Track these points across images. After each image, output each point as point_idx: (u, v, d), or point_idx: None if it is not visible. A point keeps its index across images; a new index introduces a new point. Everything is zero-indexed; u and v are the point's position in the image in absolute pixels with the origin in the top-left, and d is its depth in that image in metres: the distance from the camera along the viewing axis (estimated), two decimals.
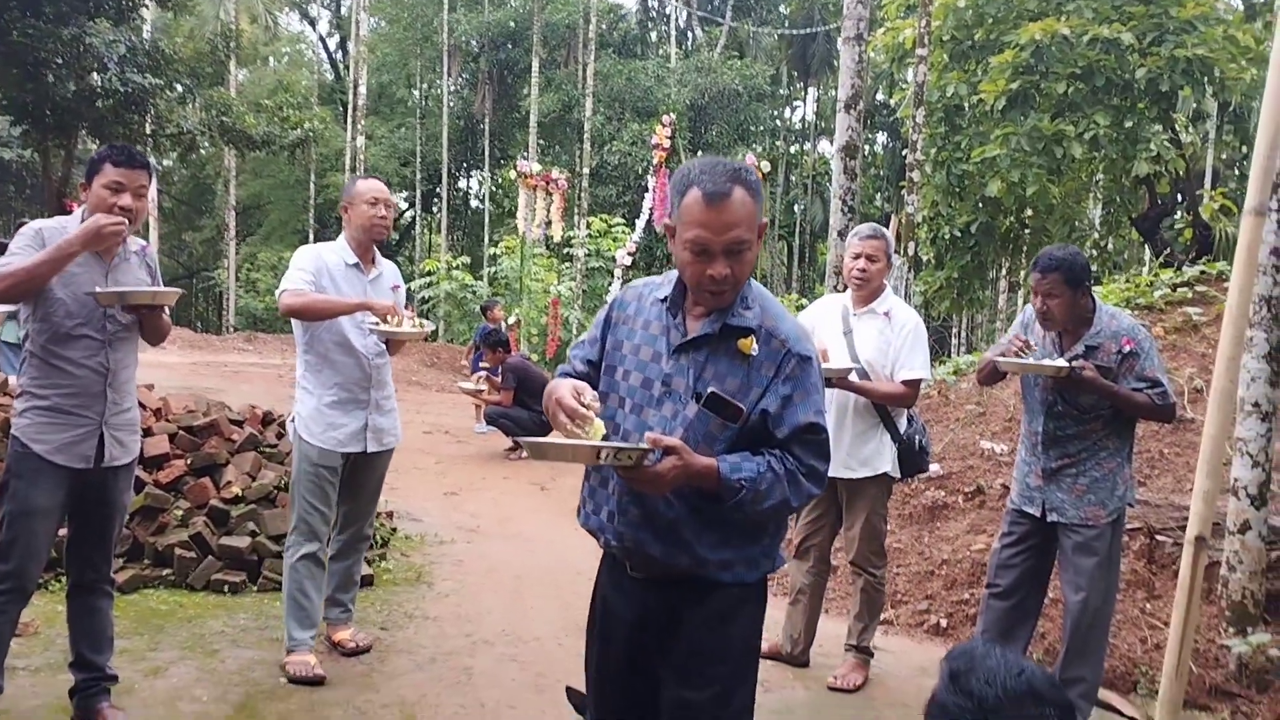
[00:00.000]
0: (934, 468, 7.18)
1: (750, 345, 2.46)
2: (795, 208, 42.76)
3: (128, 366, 3.87)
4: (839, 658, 5.07)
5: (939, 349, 20.60)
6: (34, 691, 4.15)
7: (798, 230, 42.04)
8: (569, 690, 3.66)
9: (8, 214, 24.93)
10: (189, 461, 5.98)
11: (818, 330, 4.97)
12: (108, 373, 3.75)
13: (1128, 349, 4.29)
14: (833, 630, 5.49)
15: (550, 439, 2.38)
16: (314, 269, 4.57)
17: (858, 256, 4.87)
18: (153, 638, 4.83)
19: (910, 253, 14.54)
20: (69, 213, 3.95)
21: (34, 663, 4.42)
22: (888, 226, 11.23)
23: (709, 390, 2.42)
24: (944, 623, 5.82)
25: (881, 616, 5.40)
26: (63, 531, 3.99)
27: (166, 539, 5.64)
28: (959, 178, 14.33)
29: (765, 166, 14.57)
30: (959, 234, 14.79)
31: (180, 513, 5.76)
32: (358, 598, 5.06)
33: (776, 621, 5.30)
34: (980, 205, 14.38)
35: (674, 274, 2.62)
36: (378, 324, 4.52)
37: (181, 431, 6.11)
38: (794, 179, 43.14)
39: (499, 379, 11.17)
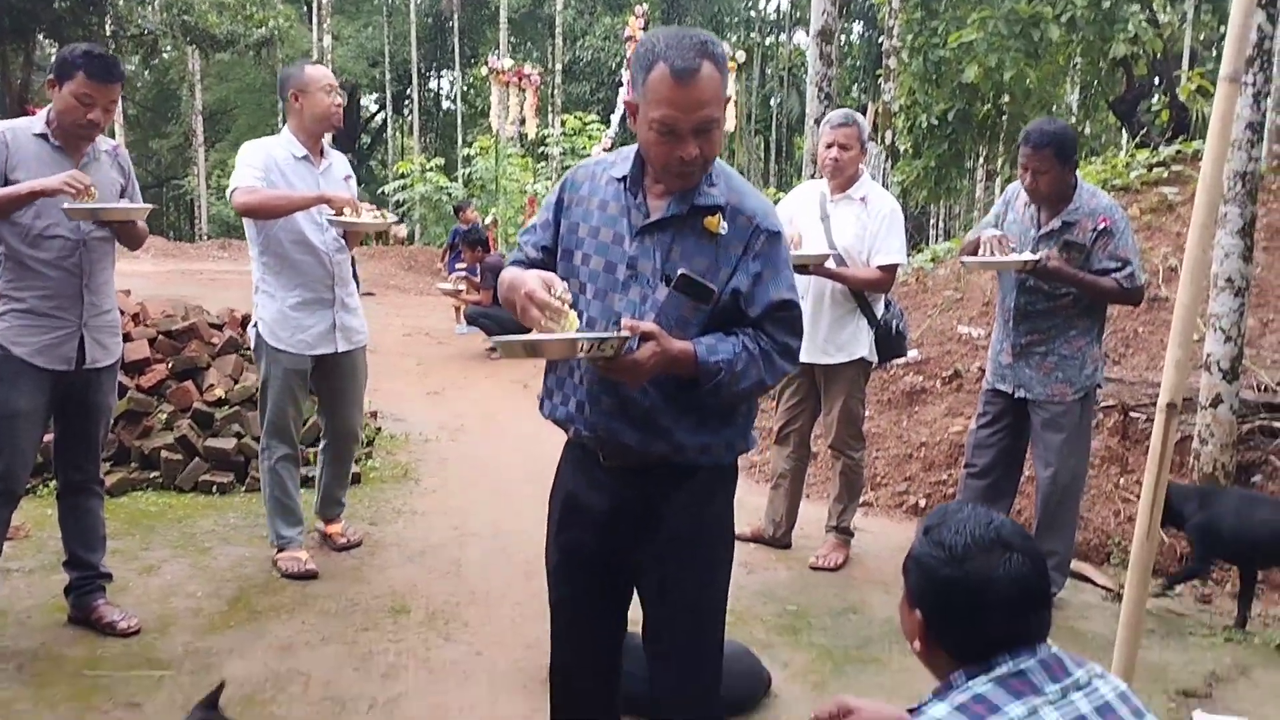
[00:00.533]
0: (912, 353, 7.25)
1: (717, 223, 2.36)
2: (771, 101, 42.21)
3: (105, 268, 3.84)
4: (820, 539, 5.19)
5: (917, 237, 20.61)
6: (29, 592, 4.21)
7: (774, 124, 41.57)
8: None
9: None
10: (170, 365, 5.97)
11: (796, 217, 4.97)
12: (83, 274, 3.73)
13: (1103, 226, 4.32)
14: (814, 514, 5.61)
15: (526, 336, 2.24)
16: (263, 164, 4.41)
17: (830, 145, 4.85)
18: (144, 538, 4.89)
19: (887, 142, 14.45)
20: (31, 115, 3.87)
21: (28, 564, 4.47)
22: (864, 115, 11.11)
23: (679, 272, 2.32)
24: (923, 503, 5.94)
25: (861, 498, 5.51)
26: (49, 436, 4.01)
27: (152, 442, 5.67)
28: (936, 64, 14.18)
29: (740, 57, 14.33)
30: (936, 122, 14.69)
31: (164, 416, 5.78)
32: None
33: (759, 506, 5.41)
34: (957, 92, 14.25)
35: (628, 150, 2.48)
36: (337, 216, 4.38)
37: (161, 336, 6.09)
38: (769, 71, 42.51)
39: (477, 278, 11.12)
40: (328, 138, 4.68)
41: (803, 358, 4.86)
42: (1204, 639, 4.43)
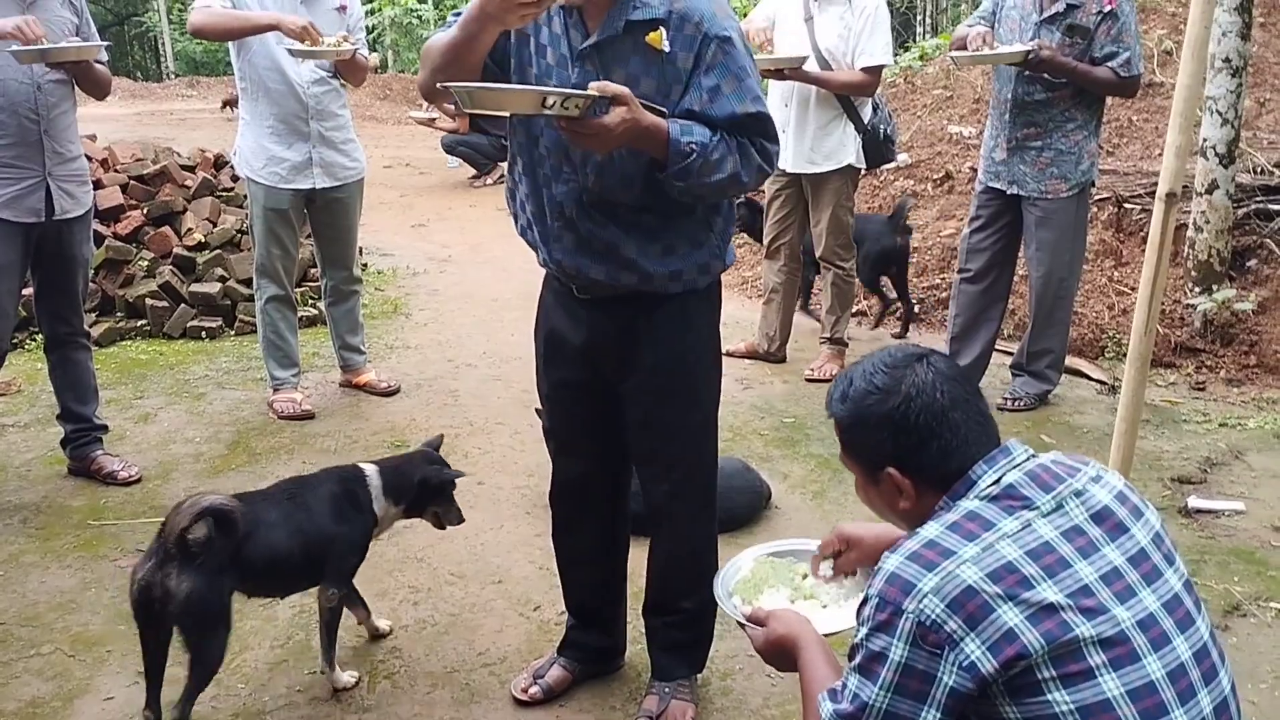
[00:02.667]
0: (901, 157, 7.09)
1: (660, 39, 2.12)
2: None
3: (64, 113, 3.69)
4: (815, 351, 5.18)
5: (904, 34, 19.96)
6: (26, 446, 4.21)
7: None
8: (538, 411, 3.75)
9: None
10: (145, 211, 5.84)
11: (779, 20, 4.76)
12: (39, 120, 3.59)
13: (1108, 8, 4.16)
14: (807, 325, 5.60)
15: (488, 85, 2.07)
16: None
17: None
18: (137, 386, 4.88)
19: None
20: None
21: (22, 419, 4.46)
22: None
23: None
24: (915, 308, 5.91)
25: (854, 308, 5.48)
26: (28, 291, 3.94)
27: (135, 290, 5.59)
28: None
29: None
30: None
31: (145, 264, 5.69)
32: None
33: (753, 322, 5.39)
34: None
35: None
36: (295, 46, 4.17)
37: (132, 181, 5.93)
38: None
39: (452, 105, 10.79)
40: None
41: (789, 167, 4.80)
42: (1199, 426, 4.47)
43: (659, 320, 2.39)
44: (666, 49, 2.13)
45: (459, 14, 2.14)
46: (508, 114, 2.19)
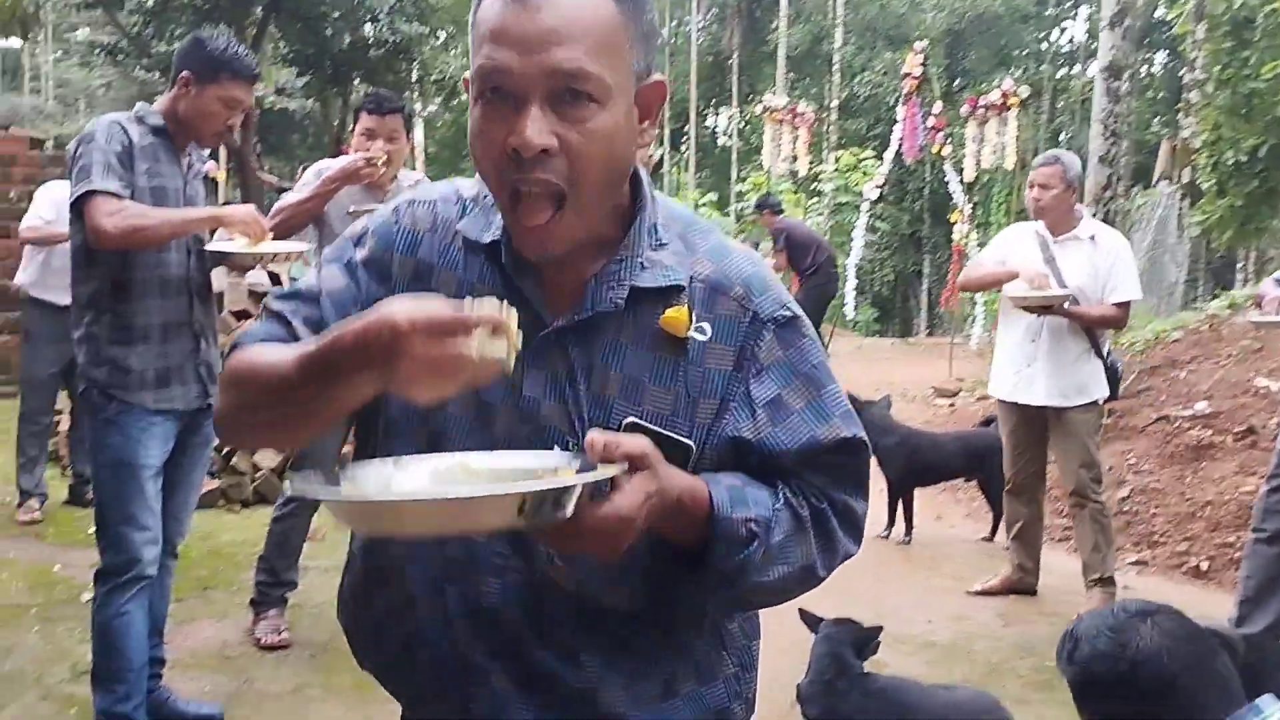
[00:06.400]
0: (1199, 405, 6.80)
1: (686, 322, 1.29)
2: (1060, 136, 40.45)
3: None
4: (1070, 591, 4.98)
5: (1217, 280, 19.13)
6: (323, 588, 4.63)
7: None
8: (802, 612, 3.79)
9: (293, 160, 26.97)
10: None
11: (1010, 260, 4.85)
12: None
13: None
14: (1056, 563, 5.40)
15: (400, 500, 1.14)
16: None
17: (1031, 185, 4.85)
18: None
19: (1186, 179, 13.58)
20: (345, 155, 4.32)
21: (323, 564, 4.91)
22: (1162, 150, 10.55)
23: (626, 421, 1.28)
24: (1205, 565, 5.55)
25: (1136, 556, 5.25)
26: (348, 448, 4.41)
27: None
28: (1246, 97, 13.18)
29: (1024, 92, 13.85)
30: (1244, 159, 13.65)
31: None
32: None
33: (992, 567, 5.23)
34: (1270, 126, 13.20)
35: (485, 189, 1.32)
36: None
37: None
38: (1060, 105, 40.75)
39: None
40: None
41: (1038, 401, 4.82)
42: None
43: None
44: (698, 337, 1.30)
45: (291, 299, 1.35)
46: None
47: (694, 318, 1.29)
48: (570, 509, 1.09)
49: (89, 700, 3.24)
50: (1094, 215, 6.88)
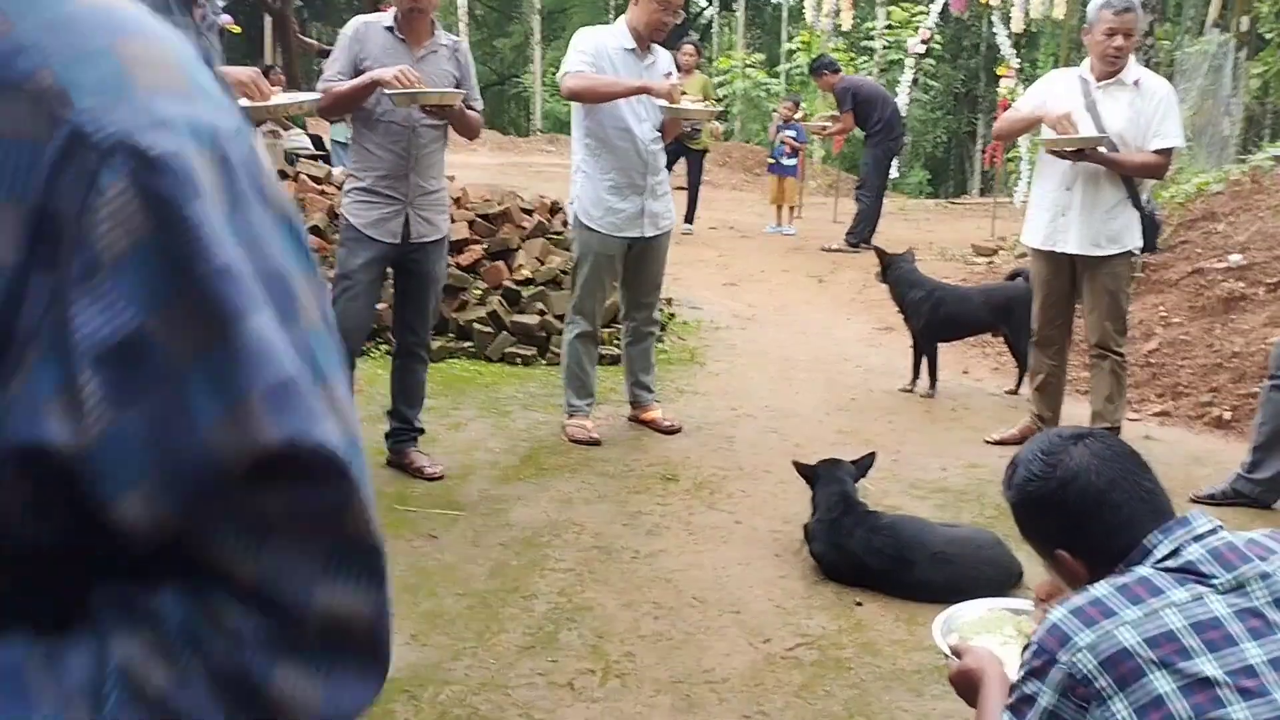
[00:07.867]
0: (1233, 257, 6.72)
1: None
2: None
3: (433, 152, 4.30)
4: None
5: (1275, 135, 18.50)
6: None
7: None
8: (796, 464, 3.95)
9: (335, 19, 26.71)
10: (485, 246, 6.53)
11: (1049, 105, 4.75)
12: (409, 157, 4.19)
13: None
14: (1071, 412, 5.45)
15: None
16: (594, 51, 4.73)
17: (1114, 32, 4.62)
18: (455, 399, 5.47)
19: (1244, 28, 13.06)
20: (384, 12, 4.40)
21: (359, 414, 5.10)
22: None
23: None
24: (1227, 415, 5.59)
25: (1159, 406, 5.29)
26: (382, 306, 4.57)
27: (467, 315, 6.26)
28: None
29: None
30: None
31: (478, 293, 6.36)
32: None
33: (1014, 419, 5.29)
34: None
35: None
36: (669, 104, 4.67)
37: (478, 219, 6.65)
38: None
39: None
40: None
41: (1071, 249, 4.78)
42: None
43: None
44: None
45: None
46: None
47: None
48: None
49: None
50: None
